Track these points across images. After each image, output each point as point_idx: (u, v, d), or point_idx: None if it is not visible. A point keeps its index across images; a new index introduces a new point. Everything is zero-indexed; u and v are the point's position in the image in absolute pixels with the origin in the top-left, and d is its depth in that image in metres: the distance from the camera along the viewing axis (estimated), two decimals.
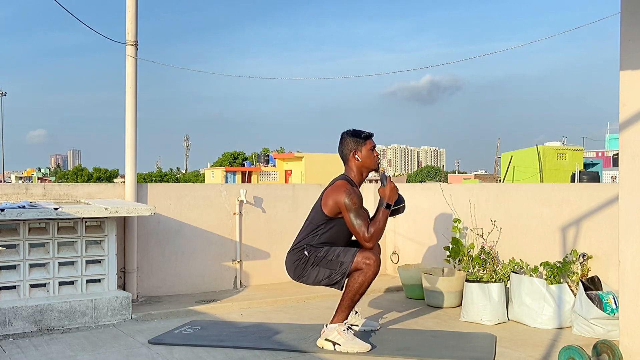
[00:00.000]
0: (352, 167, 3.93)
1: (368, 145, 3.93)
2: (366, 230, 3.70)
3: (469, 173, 72.69)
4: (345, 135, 3.97)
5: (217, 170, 38.47)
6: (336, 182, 3.89)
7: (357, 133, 3.94)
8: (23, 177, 79.84)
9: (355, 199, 3.73)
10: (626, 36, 3.34)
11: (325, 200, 3.80)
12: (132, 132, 5.15)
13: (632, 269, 3.31)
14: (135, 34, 5.15)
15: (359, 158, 3.91)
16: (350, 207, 3.71)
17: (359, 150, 3.91)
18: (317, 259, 3.75)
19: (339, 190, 3.77)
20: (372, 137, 3.98)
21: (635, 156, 3.29)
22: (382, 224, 3.75)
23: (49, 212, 4.10)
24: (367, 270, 3.66)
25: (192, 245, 5.45)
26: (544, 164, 20.27)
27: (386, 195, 3.83)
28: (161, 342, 3.84)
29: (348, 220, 3.74)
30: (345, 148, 3.95)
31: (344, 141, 3.96)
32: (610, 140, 40.24)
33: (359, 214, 3.73)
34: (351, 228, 3.75)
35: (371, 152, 3.94)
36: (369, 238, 3.71)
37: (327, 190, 3.86)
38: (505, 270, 4.57)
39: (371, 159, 3.94)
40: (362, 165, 3.92)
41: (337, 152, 4.05)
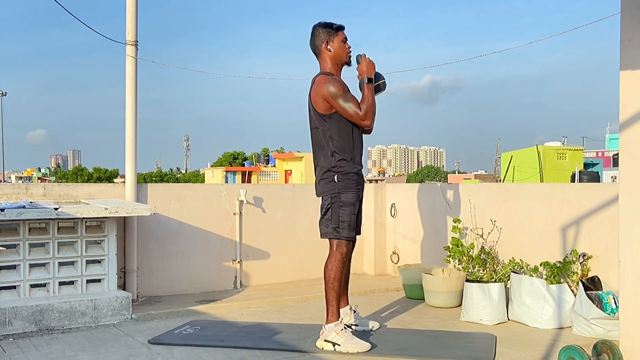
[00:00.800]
0: (325, 60, 3.90)
1: (340, 37, 3.90)
2: (359, 109, 3.72)
3: (469, 173, 72.70)
4: (316, 27, 3.93)
5: (217, 170, 38.47)
6: (314, 78, 3.88)
7: (329, 24, 3.92)
8: (23, 177, 79.88)
9: (337, 85, 3.73)
10: (626, 36, 3.35)
11: (314, 101, 3.80)
12: (132, 132, 5.15)
13: (632, 269, 3.31)
14: (135, 34, 5.15)
15: (331, 49, 3.88)
16: (336, 94, 3.71)
17: (330, 41, 3.88)
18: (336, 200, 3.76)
19: (320, 84, 3.77)
20: (343, 29, 3.95)
21: (635, 156, 3.29)
22: (370, 99, 3.77)
23: (49, 212, 4.10)
24: (337, 255, 3.74)
25: (192, 245, 5.45)
26: (544, 164, 20.27)
27: (364, 70, 3.84)
28: (161, 342, 3.83)
29: (339, 108, 3.73)
30: (317, 39, 3.91)
31: (316, 32, 3.92)
32: (610, 140, 40.23)
33: (347, 98, 3.73)
34: (344, 114, 3.74)
35: (343, 44, 3.91)
36: (364, 115, 3.73)
37: (311, 90, 3.85)
38: (505, 270, 4.57)
39: (343, 50, 3.90)
40: (335, 57, 3.89)
41: None
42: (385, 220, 6.44)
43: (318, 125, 3.82)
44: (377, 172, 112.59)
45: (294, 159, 32.20)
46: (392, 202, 6.36)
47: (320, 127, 3.81)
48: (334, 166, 3.78)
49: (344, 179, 3.77)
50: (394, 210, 6.33)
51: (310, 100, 3.85)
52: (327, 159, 3.80)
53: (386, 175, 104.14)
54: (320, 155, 3.85)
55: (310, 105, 3.86)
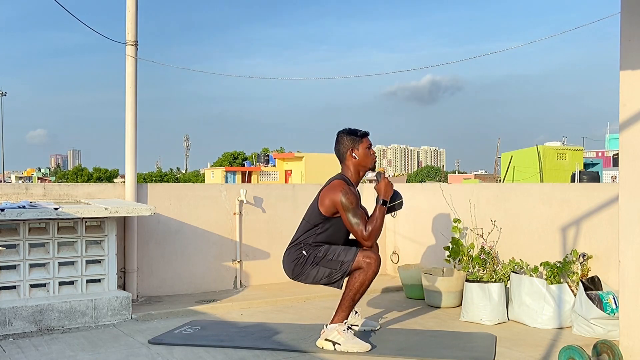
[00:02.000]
0: (349, 166, 3.93)
1: (365, 144, 3.93)
2: (364, 228, 3.71)
3: (469, 173, 72.70)
4: (341, 134, 3.97)
5: (217, 170, 38.48)
6: (332, 181, 3.89)
7: (354, 131, 3.95)
8: (23, 177, 79.89)
9: (352, 198, 3.73)
10: (626, 36, 3.35)
11: (322, 200, 3.81)
12: (132, 132, 5.15)
13: (632, 269, 3.31)
14: (135, 34, 5.15)
15: (356, 156, 3.91)
16: (347, 207, 3.71)
17: (355, 149, 3.91)
18: (316, 259, 3.75)
19: (336, 189, 3.77)
20: (368, 135, 3.98)
21: (635, 156, 3.29)
22: (379, 221, 3.76)
23: (49, 212, 4.10)
24: (368, 269, 3.66)
25: (192, 245, 5.45)
26: (544, 164, 20.28)
27: (381, 191, 3.84)
28: (161, 342, 3.83)
29: (345, 220, 3.74)
30: (342, 147, 3.95)
31: (341, 140, 3.96)
32: (610, 140, 40.23)
33: (356, 213, 3.73)
34: (349, 227, 3.75)
35: (368, 151, 3.94)
36: (368, 236, 3.71)
37: (324, 190, 3.86)
38: (505, 270, 4.57)
39: (368, 157, 3.94)
40: (359, 164, 3.93)
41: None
42: (385, 220, 6.42)
43: (311, 221, 3.84)
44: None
45: (294, 159, 32.21)
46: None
47: (312, 223, 3.82)
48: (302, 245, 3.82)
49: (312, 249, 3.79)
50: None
51: (317, 197, 3.86)
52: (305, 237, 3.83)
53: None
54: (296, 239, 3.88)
55: (315, 201, 3.87)
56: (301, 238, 3.84)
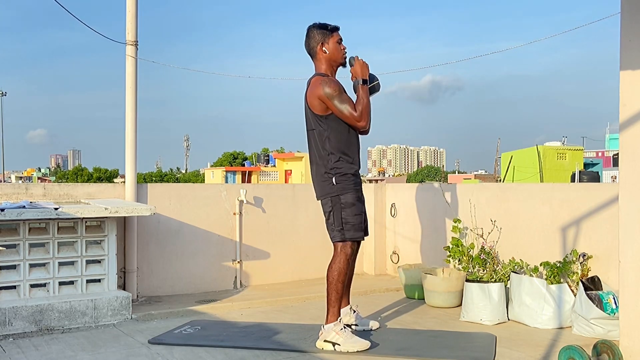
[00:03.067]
0: (320, 61, 3.91)
1: (335, 38, 3.90)
2: (354, 110, 3.72)
3: (469, 173, 72.71)
4: (311, 28, 3.93)
5: (217, 170, 38.47)
6: (310, 80, 3.88)
7: (324, 25, 3.92)
8: (23, 177, 79.88)
9: (333, 86, 3.73)
10: (626, 36, 3.34)
11: (310, 102, 3.80)
12: (132, 132, 5.15)
13: (632, 269, 3.30)
14: (135, 34, 5.15)
15: (326, 50, 3.88)
16: (331, 95, 3.71)
17: (326, 42, 3.88)
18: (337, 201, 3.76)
19: (316, 85, 3.77)
20: (338, 29, 3.95)
21: (635, 156, 3.29)
22: (366, 100, 3.77)
23: (49, 212, 4.10)
24: (342, 257, 3.73)
25: (192, 245, 5.45)
26: (544, 164, 20.27)
27: (358, 72, 3.84)
28: (161, 342, 3.83)
29: (335, 109, 3.73)
30: (312, 41, 3.91)
31: (311, 34, 3.92)
32: (610, 140, 40.21)
33: (342, 99, 3.73)
34: (340, 115, 3.74)
35: (338, 45, 3.91)
36: (359, 116, 3.73)
37: (307, 92, 3.85)
38: (505, 270, 4.57)
39: (339, 51, 3.91)
40: (330, 58, 3.90)
41: None
42: (385, 220, 6.44)
43: (314, 126, 3.82)
44: (377, 172, 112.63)
45: (294, 159, 32.20)
46: (392, 202, 6.36)
47: (316, 128, 3.81)
48: (331, 168, 3.78)
49: (342, 181, 3.77)
50: (394, 210, 6.33)
51: (306, 102, 3.85)
52: (323, 160, 3.80)
53: (386, 175, 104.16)
54: (317, 156, 3.84)
55: (306, 106, 3.86)
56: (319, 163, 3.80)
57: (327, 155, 3.78)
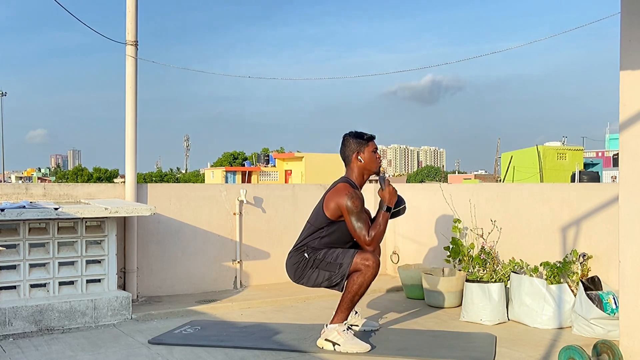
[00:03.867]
0: (353, 169, 3.93)
1: (370, 147, 3.94)
2: (367, 233, 3.71)
3: (469, 173, 72.71)
4: (347, 137, 3.97)
5: (217, 170, 38.48)
6: (338, 184, 3.88)
7: (360, 135, 3.95)
8: (23, 177, 79.89)
9: (357, 202, 3.73)
10: (626, 36, 3.34)
11: (327, 204, 3.80)
12: (132, 132, 5.15)
13: (632, 269, 3.31)
14: (135, 34, 5.15)
15: (361, 159, 3.91)
16: (352, 210, 3.71)
17: (361, 152, 3.91)
18: (316, 261, 3.75)
19: (341, 193, 3.77)
20: (374, 139, 3.99)
21: (635, 156, 3.29)
22: (382, 227, 3.76)
23: (49, 212, 4.10)
24: (366, 271, 3.66)
25: (192, 245, 5.45)
26: (544, 164, 20.28)
27: (386, 198, 3.83)
28: (161, 342, 3.84)
29: (349, 223, 3.74)
30: (347, 149, 3.95)
31: (347, 142, 3.96)
32: (610, 140, 40.23)
33: (360, 217, 3.73)
34: (352, 231, 3.75)
35: (373, 154, 3.94)
36: (370, 241, 3.72)
37: (329, 193, 3.85)
38: (505, 270, 4.57)
39: (373, 161, 3.94)
40: (364, 167, 3.93)
41: (336, 152, 4.06)
42: None
43: (315, 224, 3.83)
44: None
45: (294, 159, 32.22)
46: None
47: (315, 225, 3.82)
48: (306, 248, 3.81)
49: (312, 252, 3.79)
50: None
51: (323, 200, 3.85)
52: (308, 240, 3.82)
53: (386, 176, 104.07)
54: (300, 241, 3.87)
55: (321, 204, 3.86)
56: (305, 241, 3.84)
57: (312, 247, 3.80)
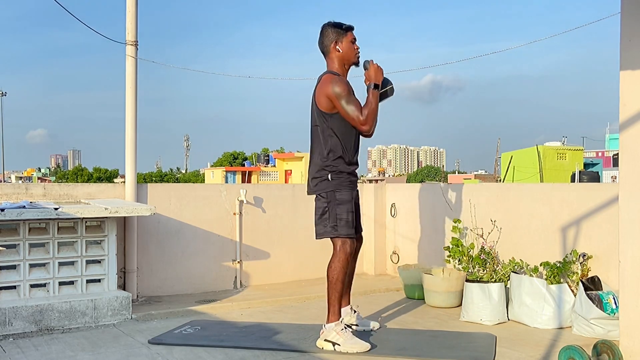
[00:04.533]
0: (333, 59, 3.91)
1: (349, 37, 3.91)
2: (360, 113, 3.71)
3: (469, 173, 72.74)
4: (326, 26, 3.93)
5: (217, 170, 38.46)
6: (321, 77, 3.88)
7: (338, 24, 3.92)
8: (23, 177, 79.86)
9: (342, 86, 3.73)
10: (626, 36, 3.35)
11: (318, 99, 3.81)
12: (132, 132, 5.15)
13: (632, 269, 3.31)
14: (135, 34, 5.15)
15: (339, 49, 3.88)
16: (340, 94, 3.71)
17: (340, 41, 3.88)
18: (330, 198, 3.75)
19: (325, 83, 3.78)
20: (352, 29, 3.94)
21: (635, 156, 3.29)
22: (374, 105, 3.76)
23: (49, 212, 4.10)
24: (341, 255, 3.71)
25: (192, 245, 5.45)
26: (544, 164, 20.27)
27: (372, 76, 3.83)
28: (161, 342, 3.83)
29: (341, 109, 3.73)
30: (326, 39, 3.92)
31: (325, 32, 3.92)
32: (610, 140, 40.20)
33: (349, 100, 3.73)
34: (345, 116, 3.74)
35: (352, 44, 3.91)
36: (364, 120, 3.72)
37: (316, 88, 3.85)
38: (505, 270, 4.57)
39: (352, 51, 3.91)
40: (343, 57, 3.90)
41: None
42: (385, 220, 6.44)
43: (319, 123, 3.83)
44: (377, 172, 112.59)
45: (294, 159, 32.20)
46: (392, 202, 6.36)
47: (320, 125, 3.82)
48: (327, 165, 3.79)
49: (337, 178, 3.78)
50: (394, 210, 6.33)
51: (314, 98, 3.86)
52: (322, 157, 3.81)
53: (386, 175, 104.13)
54: (316, 153, 3.86)
55: (313, 102, 3.87)
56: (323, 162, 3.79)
57: (327, 153, 3.79)
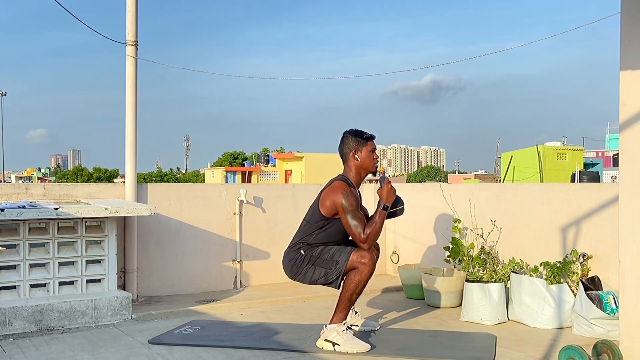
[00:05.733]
0: (350, 167, 3.94)
1: (369, 147, 3.94)
2: (362, 231, 3.70)
3: (469, 173, 72.74)
4: (347, 134, 3.98)
5: (217, 170, 38.47)
6: (334, 182, 3.89)
7: (359, 133, 3.96)
8: (23, 177, 79.83)
9: (352, 200, 3.73)
10: (626, 36, 3.34)
11: (322, 201, 3.81)
12: (132, 132, 5.15)
13: (632, 269, 3.31)
14: (135, 34, 5.15)
15: (358, 158, 3.91)
16: (347, 209, 3.71)
17: (359, 151, 3.91)
18: (312, 258, 3.76)
19: (336, 190, 3.77)
20: (373, 138, 3.99)
21: (635, 156, 3.29)
22: (378, 225, 3.75)
23: (49, 212, 4.10)
24: (363, 269, 3.66)
25: (192, 245, 5.45)
26: (544, 164, 20.28)
27: (383, 196, 3.84)
28: (161, 342, 3.84)
29: (344, 221, 3.74)
30: (345, 147, 3.95)
31: (345, 140, 3.96)
32: (610, 140, 40.22)
33: (355, 215, 3.73)
34: (347, 229, 3.75)
35: (371, 154, 3.95)
36: (365, 239, 3.71)
37: (325, 190, 3.86)
38: (505, 270, 4.57)
39: (370, 161, 3.94)
40: (361, 166, 3.93)
41: (337, 151, 4.06)
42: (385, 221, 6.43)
43: (311, 221, 3.85)
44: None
45: (294, 159, 32.21)
46: None
47: (312, 223, 3.84)
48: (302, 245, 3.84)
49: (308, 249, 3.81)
50: None
51: (319, 198, 3.87)
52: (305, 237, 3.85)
53: (386, 176, 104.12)
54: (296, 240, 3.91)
55: (317, 202, 3.87)
56: (301, 239, 3.86)
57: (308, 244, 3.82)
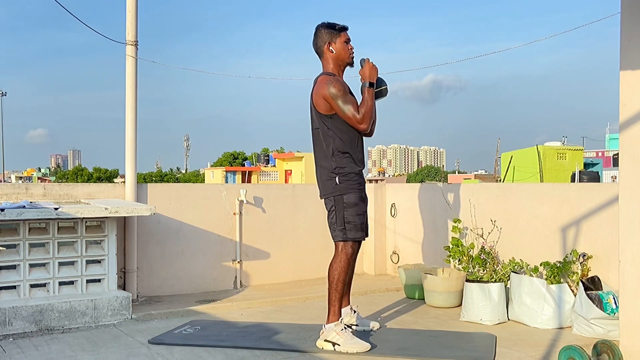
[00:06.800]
0: (328, 60, 3.91)
1: (342, 37, 3.90)
2: (356, 112, 3.72)
3: (469, 173, 72.77)
4: (319, 27, 3.93)
5: (217, 170, 38.46)
6: (316, 79, 3.88)
7: (332, 25, 3.92)
8: (23, 177, 79.83)
9: (338, 86, 3.73)
10: (626, 36, 3.35)
11: (315, 101, 3.81)
12: (132, 132, 5.15)
13: (632, 269, 3.31)
14: (135, 34, 5.15)
15: (333, 50, 3.88)
16: (335, 95, 3.71)
17: (333, 42, 3.88)
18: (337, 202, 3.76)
19: (321, 84, 3.78)
20: (346, 29, 3.94)
21: (635, 156, 3.29)
22: (369, 102, 3.77)
23: (49, 212, 4.10)
24: (342, 256, 3.73)
25: (192, 245, 5.45)
26: (544, 164, 20.27)
27: (366, 74, 3.84)
28: (161, 342, 3.84)
29: (338, 110, 3.73)
30: (319, 40, 3.92)
31: (318, 33, 3.92)
32: (610, 140, 40.21)
33: (346, 100, 3.73)
34: (343, 116, 3.74)
35: (345, 45, 3.91)
36: (361, 119, 3.72)
37: (312, 91, 3.86)
38: (505, 270, 4.57)
39: (346, 51, 3.90)
40: (337, 58, 3.90)
41: None
42: (385, 220, 6.44)
43: (319, 125, 3.82)
44: (377, 172, 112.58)
45: (294, 159, 32.20)
46: (392, 202, 6.36)
47: (321, 127, 3.81)
48: (335, 167, 3.79)
49: (344, 180, 3.78)
50: (394, 210, 6.33)
51: (311, 101, 3.86)
52: (327, 160, 3.80)
53: (386, 175, 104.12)
54: (321, 156, 3.85)
55: (311, 105, 3.86)
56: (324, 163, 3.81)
57: (331, 155, 3.79)
